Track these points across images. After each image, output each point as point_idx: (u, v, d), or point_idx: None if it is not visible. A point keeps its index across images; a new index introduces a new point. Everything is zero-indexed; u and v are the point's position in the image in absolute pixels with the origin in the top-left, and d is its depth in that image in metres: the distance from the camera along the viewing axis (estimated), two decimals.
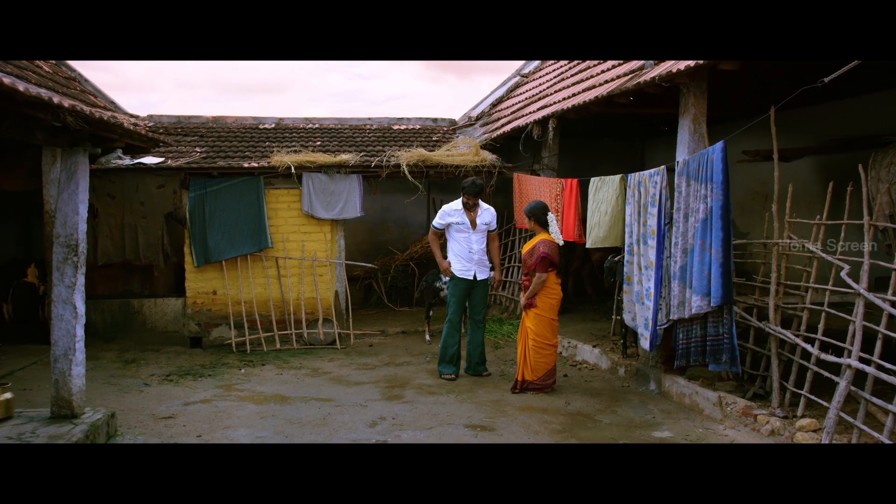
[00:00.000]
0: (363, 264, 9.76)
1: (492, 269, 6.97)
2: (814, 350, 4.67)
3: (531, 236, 6.42)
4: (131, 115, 11.01)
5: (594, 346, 7.34)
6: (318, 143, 10.12)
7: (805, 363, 4.82)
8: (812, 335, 4.79)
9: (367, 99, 35.13)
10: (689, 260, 5.40)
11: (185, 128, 10.77)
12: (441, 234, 6.93)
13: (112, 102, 11.01)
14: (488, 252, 6.85)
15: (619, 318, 7.55)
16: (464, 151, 9.37)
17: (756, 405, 5.08)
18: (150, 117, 11.16)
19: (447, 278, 6.89)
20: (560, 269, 6.31)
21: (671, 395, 5.88)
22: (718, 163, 5.08)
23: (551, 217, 6.22)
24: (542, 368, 6.13)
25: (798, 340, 4.85)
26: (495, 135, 9.31)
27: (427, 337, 8.74)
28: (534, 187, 8.56)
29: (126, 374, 7.18)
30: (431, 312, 8.80)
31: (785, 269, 5.16)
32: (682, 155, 6.06)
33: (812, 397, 4.71)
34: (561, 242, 6.16)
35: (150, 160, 8.61)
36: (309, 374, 7.14)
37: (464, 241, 6.68)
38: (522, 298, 6.25)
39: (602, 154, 11.56)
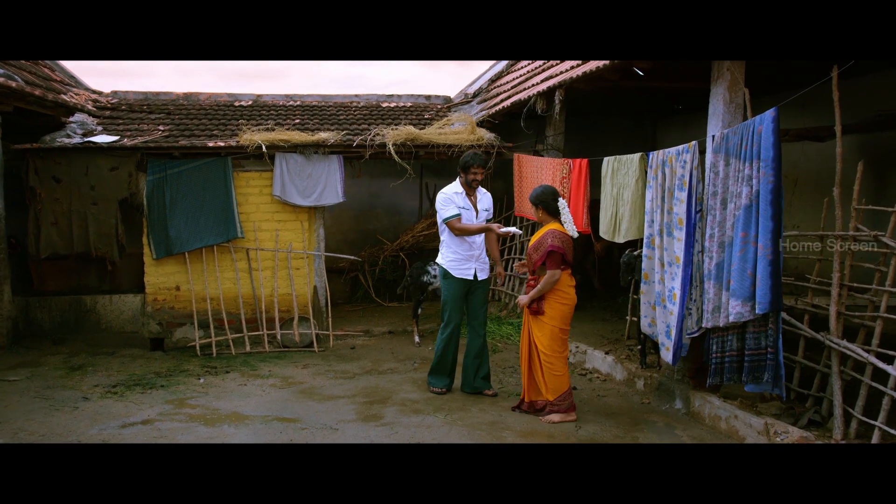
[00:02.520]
0: (345, 256, 8.77)
1: (492, 266, 5.89)
2: (894, 371, 3.70)
3: (536, 227, 5.42)
4: (93, 91, 9.99)
5: (606, 353, 6.37)
6: (297, 120, 9.10)
7: (880, 386, 3.86)
8: (888, 351, 3.82)
9: (367, 85, 33.96)
10: (726, 256, 4.42)
11: (152, 105, 9.75)
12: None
13: (72, 77, 9.98)
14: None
15: (634, 319, 6.59)
16: (458, 129, 8.35)
17: (813, 435, 4.12)
18: (115, 93, 10.14)
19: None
20: (575, 268, 5.25)
21: (702, 417, 4.92)
22: (769, 135, 4.09)
23: (563, 204, 5.09)
24: (558, 388, 4.99)
25: (871, 358, 3.88)
26: (494, 111, 8.29)
27: (416, 339, 7.76)
28: (536, 169, 7.57)
29: (67, 384, 6.21)
30: (420, 310, 7.82)
31: (849, 268, 4.18)
32: (714, 129, 5.08)
33: (891, 431, 3.75)
34: (575, 235, 5.06)
35: (101, 139, 7.61)
36: (277, 385, 6.18)
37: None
38: (523, 297, 5.15)
39: (610, 135, 10.55)
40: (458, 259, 5.59)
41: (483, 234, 5.62)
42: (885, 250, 4.01)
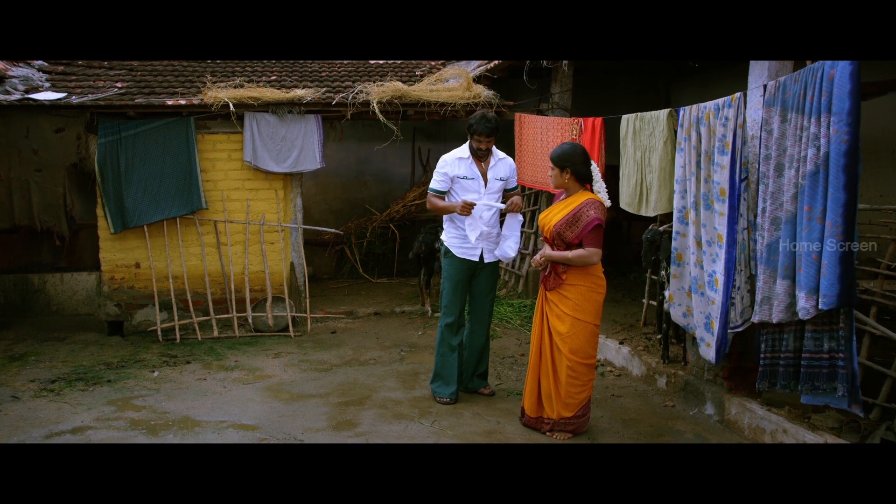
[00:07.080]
0: (325, 229, 7.90)
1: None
2: None
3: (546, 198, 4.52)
4: None
5: (621, 343, 5.54)
6: (273, 77, 8.14)
7: None
8: None
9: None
10: (782, 235, 3.55)
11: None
12: (443, 199, 4.67)
13: None
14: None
15: (653, 303, 5.76)
16: (452, 86, 7.40)
17: None
18: None
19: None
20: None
21: (741, 427, 4.10)
22: (844, 81, 3.19)
23: (595, 168, 4.07)
24: (579, 401, 4.05)
25: None
26: (493, 64, 7.33)
27: (428, 310, 7.32)
28: (540, 130, 6.65)
29: None
30: (431, 280, 7.30)
31: None
32: (758, 80, 4.18)
33: None
34: (608, 204, 4.02)
35: (44, 96, 6.67)
36: (241, 380, 5.36)
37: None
38: (547, 251, 3.99)
39: (618, 96, 9.55)
40: (462, 235, 4.61)
41: (494, 208, 4.69)
42: None
